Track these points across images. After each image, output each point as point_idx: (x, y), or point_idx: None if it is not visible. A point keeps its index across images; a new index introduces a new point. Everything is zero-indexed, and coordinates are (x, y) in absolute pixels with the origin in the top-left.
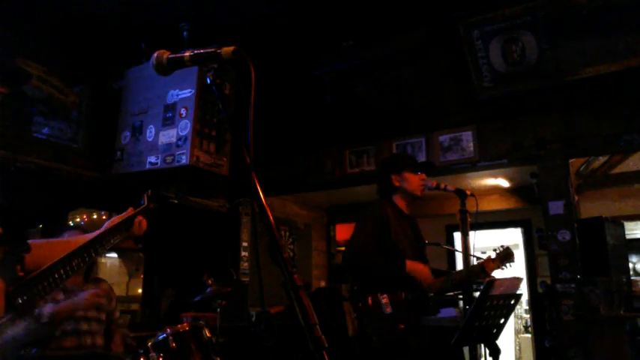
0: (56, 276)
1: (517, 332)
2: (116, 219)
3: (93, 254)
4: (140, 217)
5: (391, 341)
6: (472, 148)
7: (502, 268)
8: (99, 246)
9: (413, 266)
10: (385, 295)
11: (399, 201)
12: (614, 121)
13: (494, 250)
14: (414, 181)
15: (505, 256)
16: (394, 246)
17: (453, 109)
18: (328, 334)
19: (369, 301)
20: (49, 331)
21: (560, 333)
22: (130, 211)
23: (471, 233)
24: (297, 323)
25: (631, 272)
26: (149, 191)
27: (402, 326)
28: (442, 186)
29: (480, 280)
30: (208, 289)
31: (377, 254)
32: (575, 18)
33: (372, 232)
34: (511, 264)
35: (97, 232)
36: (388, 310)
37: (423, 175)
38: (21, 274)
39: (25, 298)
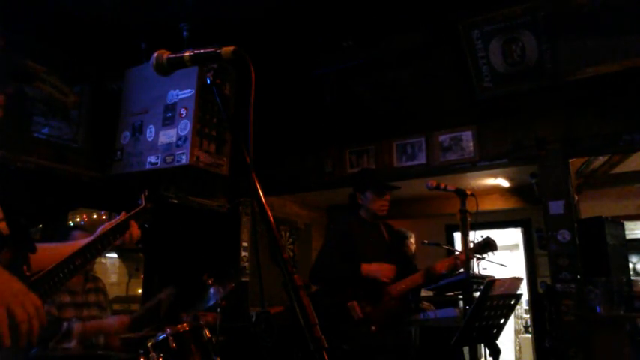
0: (61, 275)
1: (517, 332)
2: (114, 221)
3: (95, 254)
4: (131, 229)
5: (364, 344)
6: (472, 148)
7: (483, 257)
8: (100, 246)
9: (368, 267)
10: (354, 302)
11: (365, 214)
12: (614, 121)
13: (472, 241)
14: (375, 202)
15: (484, 245)
16: (358, 256)
17: (453, 109)
18: (328, 334)
19: (339, 309)
20: (54, 331)
21: (560, 333)
22: (123, 215)
23: (471, 233)
24: (297, 323)
25: (631, 272)
26: (146, 191)
27: (374, 328)
28: (442, 186)
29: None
30: (212, 291)
31: (332, 264)
32: (575, 18)
33: (331, 249)
34: (493, 252)
35: (97, 233)
36: (360, 314)
37: (387, 196)
38: (28, 273)
39: None
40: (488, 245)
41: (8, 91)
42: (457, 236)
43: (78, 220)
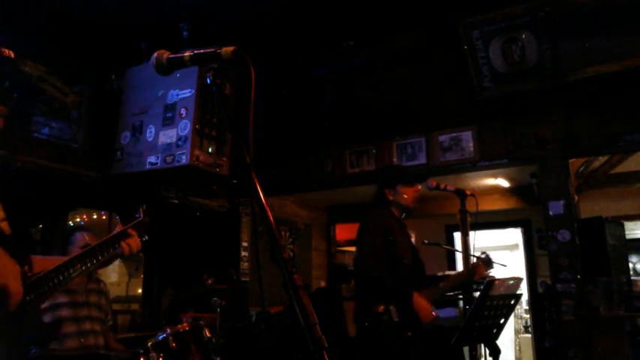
0: (61, 278)
1: (517, 332)
2: (112, 233)
3: (95, 263)
4: (128, 241)
5: (398, 347)
6: (472, 148)
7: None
8: (100, 256)
9: (418, 301)
10: (394, 305)
11: (395, 211)
12: (614, 121)
13: (475, 257)
14: (408, 194)
15: (486, 262)
16: (399, 257)
17: (453, 109)
18: (328, 334)
19: (380, 310)
20: (50, 333)
21: (560, 333)
22: (120, 227)
23: (471, 233)
24: (297, 323)
25: (631, 272)
26: (144, 206)
27: (410, 333)
28: (442, 186)
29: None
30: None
31: (388, 270)
32: (575, 18)
33: (381, 246)
34: (490, 270)
35: (101, 240)
36: (396, 318)
37: (418, 186)
38: (29, 274)
39: (32, 296)
40: (487, 263)
41: (10, 102)
42: (457, 236)
43: (78, 220)
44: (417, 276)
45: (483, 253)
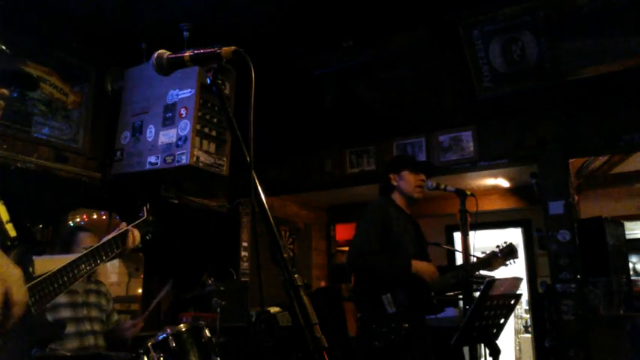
0: (65, 279)
1: (517, 332)
2: (116, 231)
3: (99, 262)
4: (133, 232)
5: (394, 340)
6: (472, 148)
7: (505, 265)
8: (104, 255)
9: (419, 265)
10: (389, 295)
11: (399, 200)
12: (614, 121)
13: (498, 246)
14: (411, 181)
15: (508, 252)
16: (397, 243)
17: (453, 109)
18: (328, 334)
19: (373, 301)
20: (55, 333)
21: (560, 333)
22: (123, 226)
23: (471, 233)
24: (297, 323)
25: (631, 272)
26: (148, 204)
27: (407, 325)
28: (442, 186)
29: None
30: (207, 288)
31: (381, 253)
32: (575, 18)
33: (374, 232)
34: (514, 260)
35: (102, 240)
36: (392, 309)
37: (422, 176)
38: (34, 275)
39: (36, 297)
40: (511, 252)
41: (6, 94)
42: (457, 236)
43: (78, 220)
44: None
45: (505, 242)
